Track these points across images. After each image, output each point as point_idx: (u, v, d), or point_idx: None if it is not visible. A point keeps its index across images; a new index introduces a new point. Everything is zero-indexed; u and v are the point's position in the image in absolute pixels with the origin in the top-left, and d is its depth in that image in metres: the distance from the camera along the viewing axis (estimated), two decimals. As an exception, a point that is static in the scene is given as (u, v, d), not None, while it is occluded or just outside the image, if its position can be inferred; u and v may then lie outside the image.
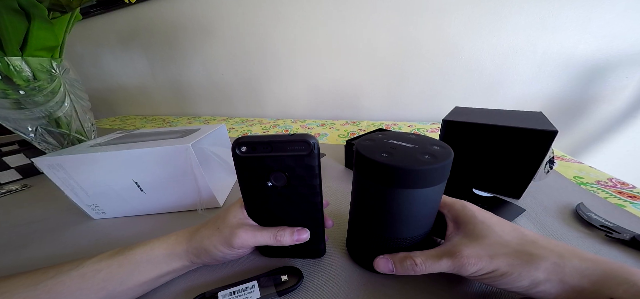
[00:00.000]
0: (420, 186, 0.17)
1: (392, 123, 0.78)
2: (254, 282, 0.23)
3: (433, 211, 0.21)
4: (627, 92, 0.61)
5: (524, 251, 0.17)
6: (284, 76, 0.95)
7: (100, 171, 0.32)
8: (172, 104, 1.25)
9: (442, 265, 0.18)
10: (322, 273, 0.25)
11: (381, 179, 0.18)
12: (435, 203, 0.20)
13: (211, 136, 0.37)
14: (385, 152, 0.18)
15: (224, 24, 0.94)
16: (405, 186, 0.17)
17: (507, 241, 0.18)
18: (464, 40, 0.69)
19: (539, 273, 0.16)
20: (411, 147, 0.19)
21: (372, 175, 0.18)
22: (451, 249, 0.19)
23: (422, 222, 0.20)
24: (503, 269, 0.17)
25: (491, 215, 0.20)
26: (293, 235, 0.22)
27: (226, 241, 0.22)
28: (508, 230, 0.19)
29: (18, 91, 0.39)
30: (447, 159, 0.17)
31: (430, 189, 0.18)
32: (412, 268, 0.19)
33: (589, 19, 0.58)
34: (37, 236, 0.34)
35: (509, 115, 0.36)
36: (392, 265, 0.20)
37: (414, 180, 0.17)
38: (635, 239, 0.25)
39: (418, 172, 0.17)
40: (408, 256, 0.20)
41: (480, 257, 0.17)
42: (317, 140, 0.19)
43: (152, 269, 0.22)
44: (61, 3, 0.40)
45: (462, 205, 0.21)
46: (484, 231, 0.19)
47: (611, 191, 0.35)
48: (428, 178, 0.17)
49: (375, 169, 0.18)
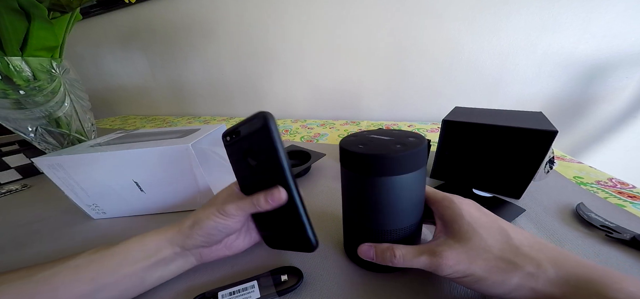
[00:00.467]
0: (394, 173, 0.19)
1: (392, 123, 0.78)
2: (253, 282, 0.23)
3: (415, 201, 0.21)
4: (627, 92, 0.61)
5: (504, 258, 0.17)
6: (283, 75, 0.95)
7: (100, 171, 0.33)
8: (172, 104, 1.25)
9: (420, 261, 0.19)
10: (322, 273, 0.25)
11: (358, 168, 0.20)
12: (414, 192, 0.20)
13: (211, 136, 0.37)
14: (362, 144, 0.20)
15: (224, 23, 0.94)
16: (379, 173, 0.19)
17: (490, 246, 0.18)
18: (464, 40, 0.69)
19: (512, 282, 0.16)
20: (387, 139, 0.20)
21: (351, 166, 0.20)
22: (433, 247, 0.19)
23: (404, 212, 0.21)
24: (479, 275, 0.17)
25: (480, 214, 0.20)
26: (266, 198, 0.21)
27: (218, 209, 0.22)
28: (493, 234, 0.18)
29: (18, 91, 0.39)
30: (417, 147, 0.18)
31: (405, 176, 0.19)
32: (391, 259, 0.20)
33: (589, 19, 0.58)
34: (37, 236, 0.34)
35: (509, 115, 0.36)
36: (373, 253, 0.21)
37: (385, 167, 0.18)
38: (635, 239, 0.25)
39: (386, 158, 0.18)
40: (389, 248, 0.20)
41: (458, 260, 0.18)
42: (270, 114, 0.19)
43: (141, 257, 0.22)
44: (61, 3, 0.40)
45: (450, 202, 0.21)
46: (469, 233, 0.18)
47: (611, 191, 0.35)
48: (399, 164, 0.18)
49: (352, 160, 0.20)
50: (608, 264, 0.23)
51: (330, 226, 0.31)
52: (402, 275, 0.24)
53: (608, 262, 0.24)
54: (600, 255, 0.24)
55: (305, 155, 0.48)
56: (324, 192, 0.40)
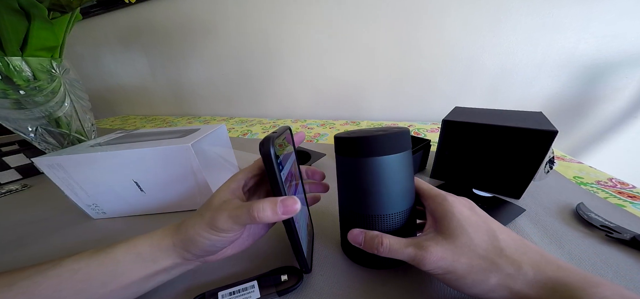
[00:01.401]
0: (378, 154, 0.20)
1: (392, 123, 0.78)
2: (253, 282, 0.23)
3: (402, 185, 0.22)
4: (627, 92, 0.61)
5: (487, 258, 0.17)
6: (284, 75, 0.95)
7: (100, 171, 0.32)
8: (172, 104, 1.25)
9: (406, 253, 0.19)
10: (323, 272, 0.25)
11: (347, 151, 0.22)
12: (399, 175, 0.21)
13: (211, 136, 0.37)
14: (352, 133, 0.22)
15: (224, 23, 0.94)
16: (364, 154, 0.21)
17: (475, 246, 0.18)
18: (464, 40, 0.69)
19: (490, 282, 0.17)
20: (374, 129, 0.23)
21: (341, 150, 0.23)
22: (420, 241, 0.19)
23: (391, 196, 0.21)
24: (460, 273, 0.17)
25: (471, 213, 0.20)
26: (276, 207, 0.18)
27: (209, 225, 0.19)
28: (481, 234, 0.18)
29: (18, 91, 0.39)
30: (397, 132, 0.21)
31: (388, 157, 0.21)
32: (378, 247, 0.20)
33: (589, 19, 0.58)
34: (37, 236, 0.34)
35: (509, 115, 0.36)
36: (362, 238, 0.21)
37: (369, 147, 0.21)
38: (635, 239, 0.25)
39: (370, 138, 0.20)
40: (377, 236, 0.20)
41: (443, 256, 0.18)
42: (271, 142, 0.18)
43: (138, 269, 0.20)
44: (61, 3, 0.40)
45: (443, 199, 0.21)
46: (457, 231, 0.18)
47: (611, 191, 0.35)
48: (382, 145, 0.20)
49: (342, 144, 0.22)
50: (608, 264, 0.23)
51: (329, 226, 0.31)
52: (402, 274, 0.24)
53: (608, 262, 0.24)
54: (600, 255, 0.24)
55: (305, 155, 0.48)
56: (324, 192, 0.40)
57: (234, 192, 0.21)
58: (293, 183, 0.23)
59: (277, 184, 0.19)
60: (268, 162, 0.18)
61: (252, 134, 0.78)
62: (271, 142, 0.18)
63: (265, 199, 0.18)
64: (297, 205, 0.18)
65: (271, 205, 0.18)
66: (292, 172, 0.24)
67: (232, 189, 0.21)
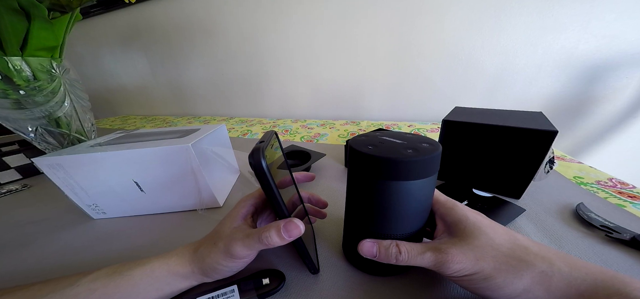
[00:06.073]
0: (405, 178, 0.18)
1: (392, 123, 0.78)
2: (233, 287, 0.22)
3: (421, 208, 0.20)
4: (627, 92, 0.61)
5: (514, 256, 0.16)
6: (284, 75, 0.95)
7: (100, 171, 0.32)
8: (172, 104, 1.25)
9: (425, 259, 0.18)
10: (322, 273, 0.25)
11: (365, 170, 0.19)
12: (421, 200, 0.20)
13: (211, 136, 0.37)
14: (372, 145, 0.19)
15: (224, 23, 0.94)
16: (390, 177, 0.18)
17: (498, 244, 0.17)
18: (464, 40, 0.69)
19: (525, 281, 0.16)
20: (399, 143, 0.20)
21: (359, 167, 0.19)
22: (438, 245, 0.19)
23: (411, 218, 0.20)
24: (487, 272, 0.16)
25: (483, 217, 0.20)
26: (280, 232, 0.19)
27: (226, 253, 0.20)
28: (500, 233, 0.18)
29: (18, 91, 0.39)
30: (430, 154, 0.17)
31: (413, 183, 0.18)
32: (396, 256, 0.19)
33: (589, 19, 0.58)
34: (37, 236, 0.34)
35: (508, 115, 0.36)
36: (376, 250, 0.20)
37: (396, 171, 0.18)
38: (635, 239, 0.25)
39: (398, 162, 0.17)
40: (394, 244, 0.19)
41: (465, 256, 0.17)
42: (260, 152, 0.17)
43: (154, 292, 0.21)
44: (61, 3, 0.40)
45: (453, 203, 0.21)
46: (475, 232, 0.18)
47: (611, 191, 0.35)
48: (411, 170, 0.17)
49: (360, 160, 0.19)
50: (608, 265, 0.23)
51: (329, 226, 0.31)
52: (400, 277, 0.23)
53: (608, 262, 0.24)
54: (600, 255, 0.24)
55: (305, 155, 0.48)
56: (324, 192, 0.40)
57: (243, 217, 0.23)
58: (288, 188, 0.24)
59: (276, 200, 0.19)
60: (261, 174, 0.17)
61: (252, 134, 0.78)
62: (261, 153, 0.17)
63: (271, 225, 0.19)
64: (300, 228, 0.19)
65: (276, 232, 0.19)
66: (287, 179, 0.24)
67: (241, 215, 0.23)
